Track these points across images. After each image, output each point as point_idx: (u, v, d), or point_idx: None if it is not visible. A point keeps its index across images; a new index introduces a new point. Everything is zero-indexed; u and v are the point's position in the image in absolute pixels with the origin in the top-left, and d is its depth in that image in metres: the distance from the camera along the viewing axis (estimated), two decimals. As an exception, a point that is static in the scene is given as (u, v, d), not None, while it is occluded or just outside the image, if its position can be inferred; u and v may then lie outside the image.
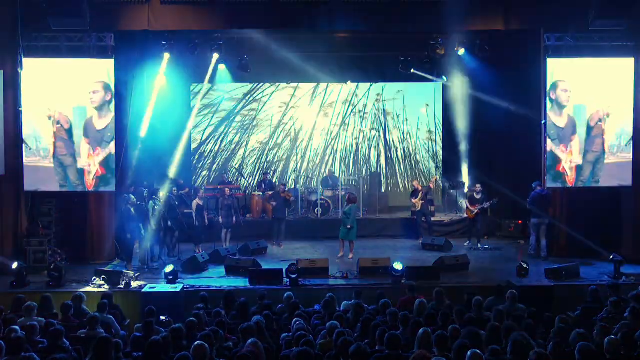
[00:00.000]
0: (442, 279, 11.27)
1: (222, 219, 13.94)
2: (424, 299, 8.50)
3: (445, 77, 16.70)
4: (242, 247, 13.55)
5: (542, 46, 12.99)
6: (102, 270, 11.41)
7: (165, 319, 8.46)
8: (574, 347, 5.88)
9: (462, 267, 12.00)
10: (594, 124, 13.00)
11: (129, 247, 12.47)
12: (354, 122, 17.96)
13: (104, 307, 8.44)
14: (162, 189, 13.73)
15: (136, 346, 6.68)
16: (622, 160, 12.99)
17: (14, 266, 11.11)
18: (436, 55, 15.34)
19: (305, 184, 17.39)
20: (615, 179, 13.00)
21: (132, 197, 12.52)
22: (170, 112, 15.56)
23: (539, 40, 13.04)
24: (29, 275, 11.25)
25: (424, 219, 15.21)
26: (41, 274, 11.59)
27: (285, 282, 11.11)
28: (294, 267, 11.16)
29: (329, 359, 6.25)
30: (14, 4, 11.95)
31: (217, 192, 15.53)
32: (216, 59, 15.09)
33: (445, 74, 16.42)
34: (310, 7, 12.75)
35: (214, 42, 14.59)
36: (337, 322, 7.16)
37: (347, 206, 13.25)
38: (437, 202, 17.14)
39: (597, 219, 12.78)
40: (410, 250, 14.24)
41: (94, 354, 5.90)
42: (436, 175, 17.40)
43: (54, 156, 12.43)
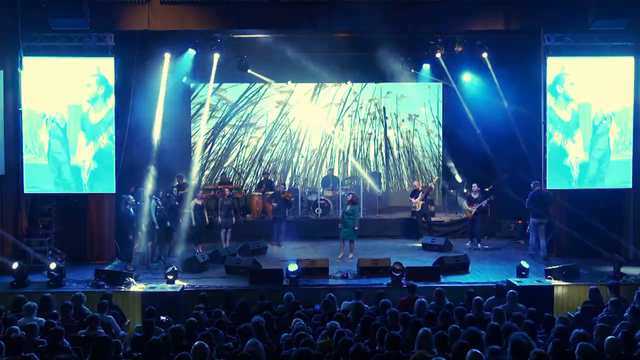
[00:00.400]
0: (442, 279, 11.27)
1: (221, 219, 13.95)
2: (424, 299, 8.50)
3: (445, 77, 16.69)
4: (242, 247, 13.55)
5: (542, 46, 12.99)
6: (102, 270, 11.40)
7: (165, 319, 8.45)
8: (574, 347, 5.88)
9: (462, 267, 11.99)
10: (598, 122, 13.00)
11: (129, 247, 12.47)
12: (354, 122, 17.96)
13: (104, 307, 8.43)
14: (162, 189, 13.72)
15: (136, 346, 6.67)
16: (628, 158, 13.00)
17: (14, 266, 11.12)
18: (436, 55, 15.37)
19: (305, 184, 17.39)
20: (619, 177, 13.00)
21: (131, 197, 12.51)
22: (170, 112, 15.54)
23: (539, 40, 13.05)
24: (29, 275, 11.24)
25: (424, 219, 15.22)
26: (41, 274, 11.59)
27: (285, 282, 11.11)
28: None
29: (329, 359, 6.24)
30: (14, 4, 11.95)
31: (216, 192, 15.52)
32: (216, 59, 15.08)
33: (445, 73, 16.40)
34: (310, 7, 12.76)
35: (214, 42, 14.59)
36: (337, 322, 7.15)
37: (349, 207, 13.21)
38: (437, 202, 17.15)
39: (597, 219, 12.77)
40: (410, 250, 14.25)
41: (94, 354, 5.89)
42: (437, 175, 17.39)
43: (48, 154, 12.44)
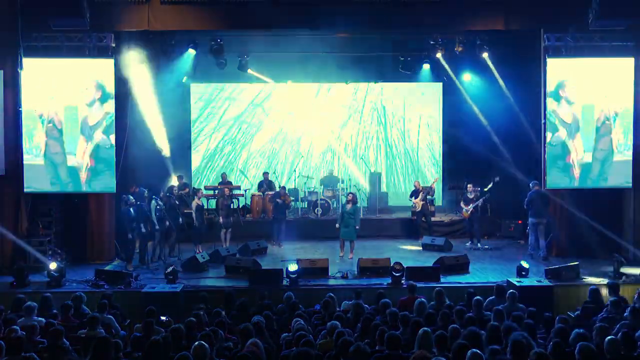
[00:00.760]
0: (442, 279, 11.27)
1: (221, 219, 13.94)
2: (424, 299, 8.50)
3: (445, 77, 16.69)
4: (242, 247, 13.53)
5: (542, 46, 12.98)
6: (102, 270, 11.41)
7: (165, 319, 8.45)
8: (574, 347, 5.87)
9: (462, 267, 11.99)
10: (600, 123, 12.99)
11: (129, 247, 12.47)
12: (354, 122, 17.94)
13: (104, 307, 8.42)
14: (163, 188, 13.72)
15: (136, 346, 6.67)
16: (629, 158, 12.99)
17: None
18: (436, 55, 15.36)
19: (305, 184, 17.39)
20: (622, 177, 12.98)
21: (131, 197, 12.50)
22: (170, 112, 15.57)
23: (539, 40, 13.04)
24: (29, 275, 11.22)
25: (424, 219, 15.21)
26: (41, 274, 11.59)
27: (285, 282, 11.10)
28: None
29: (329, 359, 6.24)
30: (14, 4, 11.95)
31: (217, 192, 15.52)
32: (216, 58, 15.08)
33: (445, 73, 16.40)
34: (310, 7, 12.75)
35: (214, 42, 14.59)
36: (337, 322, 7.15)
37: (349, 207, 13.18)
38: (437, 202, 17.14)
39: (597, 219, 12.77)
40: (410, 250, 14.24)
41: (94, 354, 5.89)
42: (437, 175, 17.39)
43: (45, 154, 12.43)
